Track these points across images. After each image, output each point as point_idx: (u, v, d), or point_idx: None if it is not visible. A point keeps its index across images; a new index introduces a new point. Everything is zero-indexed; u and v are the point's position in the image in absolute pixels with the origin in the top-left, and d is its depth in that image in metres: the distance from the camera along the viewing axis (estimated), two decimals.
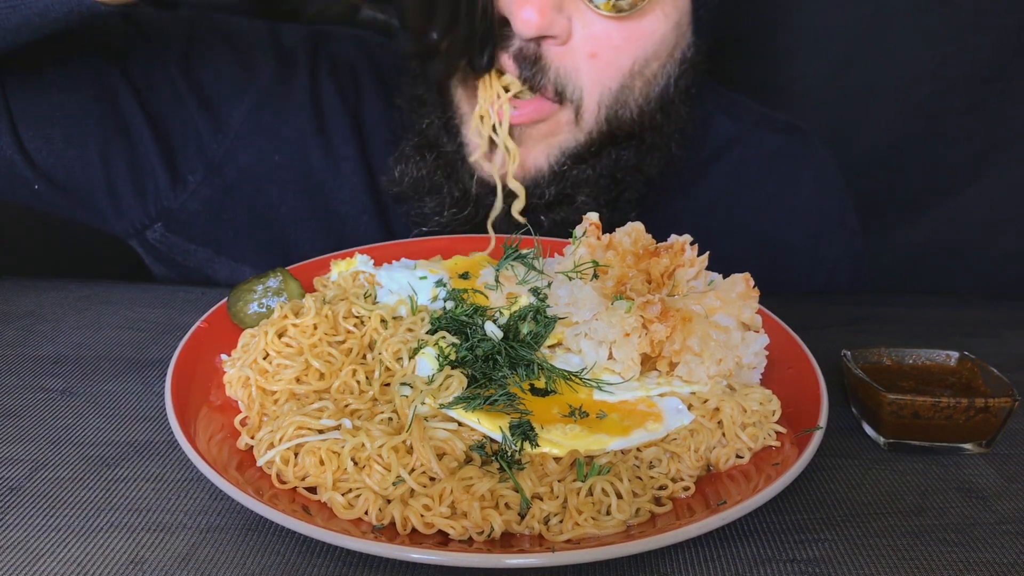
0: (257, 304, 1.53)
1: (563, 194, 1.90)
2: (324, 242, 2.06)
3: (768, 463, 1.23)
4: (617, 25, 1.71)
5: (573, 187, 1.89)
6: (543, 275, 1.57)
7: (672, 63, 1.85)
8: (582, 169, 1.87)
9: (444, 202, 1.93)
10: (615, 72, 1.77)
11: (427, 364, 1.37)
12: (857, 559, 1.13)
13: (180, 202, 2.08)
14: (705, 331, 1.34)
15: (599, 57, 1.74)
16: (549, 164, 1.88)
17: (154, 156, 2.03)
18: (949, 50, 2.08)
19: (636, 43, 1.76)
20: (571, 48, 1.73)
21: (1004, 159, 2.17)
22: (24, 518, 1.17)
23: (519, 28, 1.67)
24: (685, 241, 1.55)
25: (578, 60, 1.75)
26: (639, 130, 1.86)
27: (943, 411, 1.34)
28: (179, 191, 2.07)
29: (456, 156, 1.90)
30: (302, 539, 1.14)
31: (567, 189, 1.89)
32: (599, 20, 1.70)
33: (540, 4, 1.63)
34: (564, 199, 1.91)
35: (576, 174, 1.88)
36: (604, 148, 1.87)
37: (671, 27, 1.78)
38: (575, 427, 1.24)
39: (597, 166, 1.88)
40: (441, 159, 1.91)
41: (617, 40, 1.73)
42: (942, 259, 2.25)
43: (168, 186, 2.06)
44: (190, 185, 2.07)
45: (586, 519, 1.10)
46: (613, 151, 1.88)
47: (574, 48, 1.74)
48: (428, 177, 1.91)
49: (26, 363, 1.61)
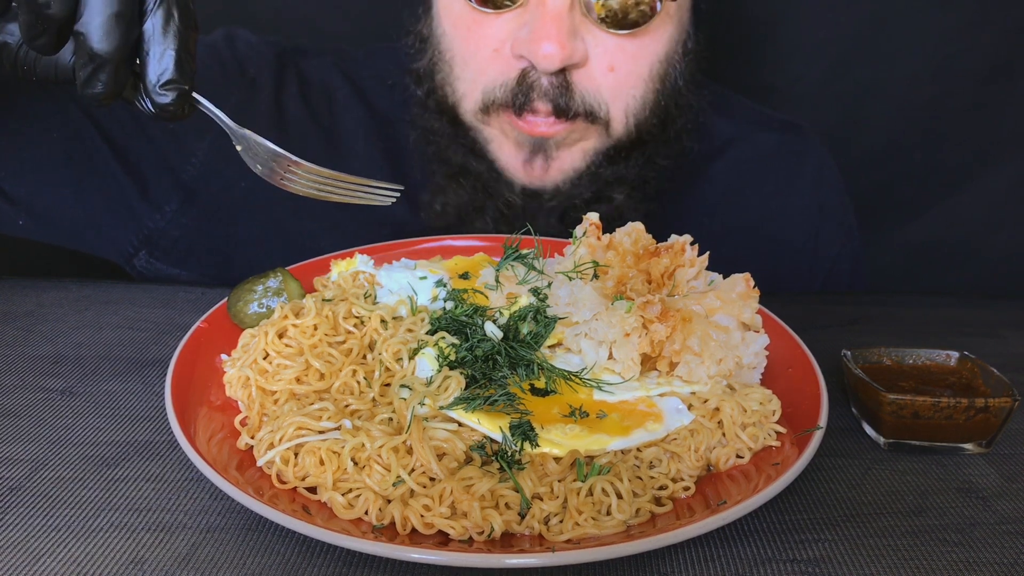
0: (257, 304, 1.53)
1: (600, 193, 1.96)
2: None
3: (768, 463, 1.22)
4: (630, 39, 1.74)
5: (608, 186, 1.95)
6: (543, 275, 1.57)
7: (677, 56, 1.90)
8: (615, 168, 1.93)
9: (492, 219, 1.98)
10: (636, 80, 1.82)
11: (427, 364, 1.37)
12: (857, 559, 1.13)
13: (160, 229, 2.11)
14: (705, 331, 1.34)
15: (617, 70, 1.78)
16: (586, 164, 1.92)
17: (128, 188, 2.06)
18: (949, 50, 2.08)
19: (649, 48, 1.81)
20: (588, 68, 1.78)
21: (1004, 159, 2.17)
22: (24, 518, 1.17)
23: (542, 64, 1.69)
24: (685, 241, 1.55)
25: (597, 78, 1.79)
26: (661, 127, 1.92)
27: (943, 411, 1.34)
28: (157, 219, 2.10)
29: (491, 174, 1.94)
30: (302, 539, 1.14)
31: (603, 188, 1.95)
32: (612, 37, 1.74)
33: (559, 36, 1.66)
34: (601, 198, 1.96)
35: (611, 173, 1.94)
36: (634, 149, 1.93)
37: (676, 25, 1.82)
38: (575, 427, 1.24)
39: (629, 165, 1.94)
40: (476, 180, 1.95)
41: (631, 50, 1.77)
42: (942, 259, 2.25)
43: (147, 214, 2.09)
44: (167, 213, 2.09)
45: (586, 519, 1.10)
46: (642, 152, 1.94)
47: (591, 68, 1.78)
48: (471, 202, 1.96)
49: (26, 363, 1.61)
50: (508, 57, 1.77)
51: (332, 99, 2.09)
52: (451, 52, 1.86)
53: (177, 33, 1.08)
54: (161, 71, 1.08)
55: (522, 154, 1.88)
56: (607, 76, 1.78)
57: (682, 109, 1.94)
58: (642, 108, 1.85)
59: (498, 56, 1.79)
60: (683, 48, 1.89)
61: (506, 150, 1.90)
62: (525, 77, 1.75)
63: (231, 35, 2.07)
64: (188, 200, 2.10)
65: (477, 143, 1.92)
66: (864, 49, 2.12)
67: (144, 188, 2.07)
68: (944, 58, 2.09)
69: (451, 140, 1.93)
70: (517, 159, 1.89)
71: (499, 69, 1.80)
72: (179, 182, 2.09)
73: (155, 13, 1.07)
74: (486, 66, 1.81)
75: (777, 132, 2.20)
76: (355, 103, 2.08)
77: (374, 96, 2.06)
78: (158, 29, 1.07)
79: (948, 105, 2.13)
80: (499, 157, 1.91)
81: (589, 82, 1.78)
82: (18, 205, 2.01)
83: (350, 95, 2.08)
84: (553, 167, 1.90)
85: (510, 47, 1.77)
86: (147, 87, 1.09)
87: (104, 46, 1.04)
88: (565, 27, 1.70)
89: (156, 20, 1.07)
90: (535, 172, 1.88)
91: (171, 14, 1.07)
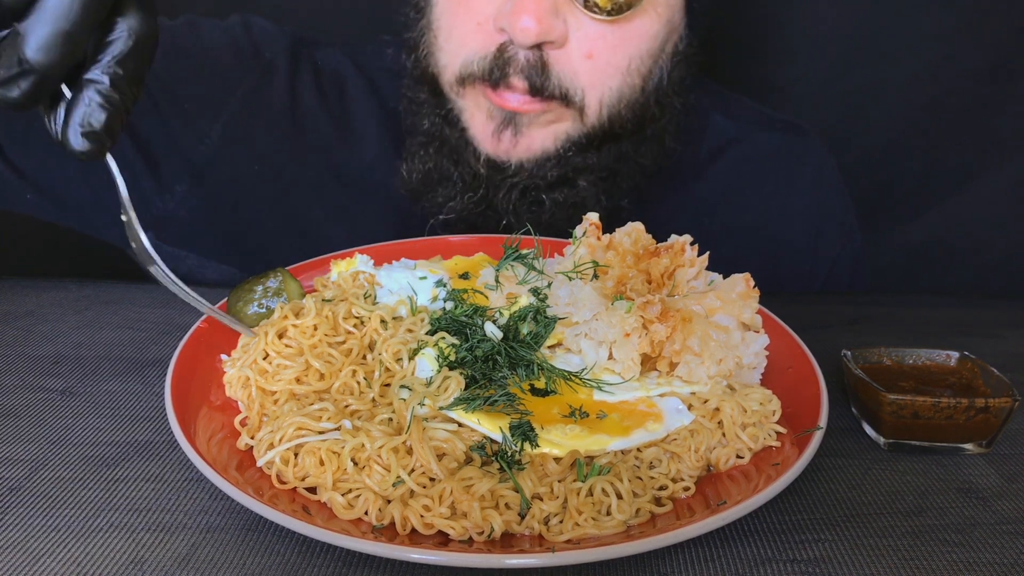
0: (257, 305, 1.53)
1: (565, 177, 1.96)
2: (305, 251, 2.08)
3: (768, 463, 1.23)
4: (612, 27, 1.74)
5: (575, 171, 1.96)
6: (543, 275, 1.57)
7: (665, 57, 1.90)
8: (585, 156, 1.94)
9: (456, 187, 1.99)
10: (614, 71, 1.82)
11: (427, 365, 1.37)
12: (857, 559, 1.13)
13: (168, 211, 2.10)
14: (705, 331, 1.34)
15: (596, 57, 1.78)
16: (556, 147, 1.93)
17: (138, 167, 2.06)
18: (949, 50, 2.08)
19: (631, 42, 1.80)
20: (567, 51, 1.78)
21: (1004, 159, 2.17)
22: (24, 518, 1.17)
23: (518, 37, 1.70)
24: (685, 241, 1.55)
25: (575, 62, 1.80)
26: (637, 124, 1.92)
27: (943, 411, 1.34)
28: (167, 200, 2.09)
29: (461, 142, 1.96)
30: (302, 539, 1.14)
31: (569, 172, 1.96)
32: (593, 22, 1.75)
33: (537, 11, 1.67)
34: (566, 181, 1.97)
35: (579, 161, 1.94)
36: (606, 141, 1.93)
37: (663, 24, 1.83)
38: (575, 427, 1.24)
39: (598, 156, 1.95)
40: (445, 147, 1.97)
41: (612, 40, 1.78)
42: (942, 259, 2.25)
43: (155, 195, 2.09)
44: (177, 194, 2.09)
45: (586, 519, 1.10)
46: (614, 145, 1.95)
47: (570, 51, 1.78)
48: (436, 168, 1.98)
49: (26, 363, 1.61)
50: (490, 31, 1.79)
51: (344, 88, 2.10)
52: (439, 23, 1.88)
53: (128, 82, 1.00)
54: (91, 117, 0.99)
55: (492, 124, 1.90)
56: (585, 62, 1.79)
57: (664, 109, 1.95)
58: (617, 100, 1.86)
59: (480, 29, 1.80)
60: (672, 48, 1.90)
61: (478, 119, 1.92)
62: (503, 52, 1.77)
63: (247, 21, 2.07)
64: (198, 182, 2.11)
65: (452, 112, 1.94)
66: (864, 49, 2.12)
67: (154, 169, 2.07)
68: (944, 58, 2.09)
69: (430, 109, 1.95)
70: (487, 128, 1.91)
71: (480, 42, 1.81)
72: (189, 164, 2.09)
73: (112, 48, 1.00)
74: (467, 38, 1.83)
75: (778, 132, 2.19)
76: (366, 93, 2.10)
77: (384, 87, 2.08)
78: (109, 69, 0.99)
79: (948, 105, 2.12)
80: (471, 126, 1.93)
81: (566, 65, 1.80)
82: (25, 178, 2.00)
83: (361, 85, 2.10)
84: (521, 143, 1.92)
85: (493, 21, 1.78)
86: (68, 118, 1.00)
87: (39, 57, 0.93)
88: (546, 4, 1.72)
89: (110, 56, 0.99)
90: (503, 144, 1.90)
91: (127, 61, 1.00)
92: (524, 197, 1.99)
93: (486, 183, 1.98)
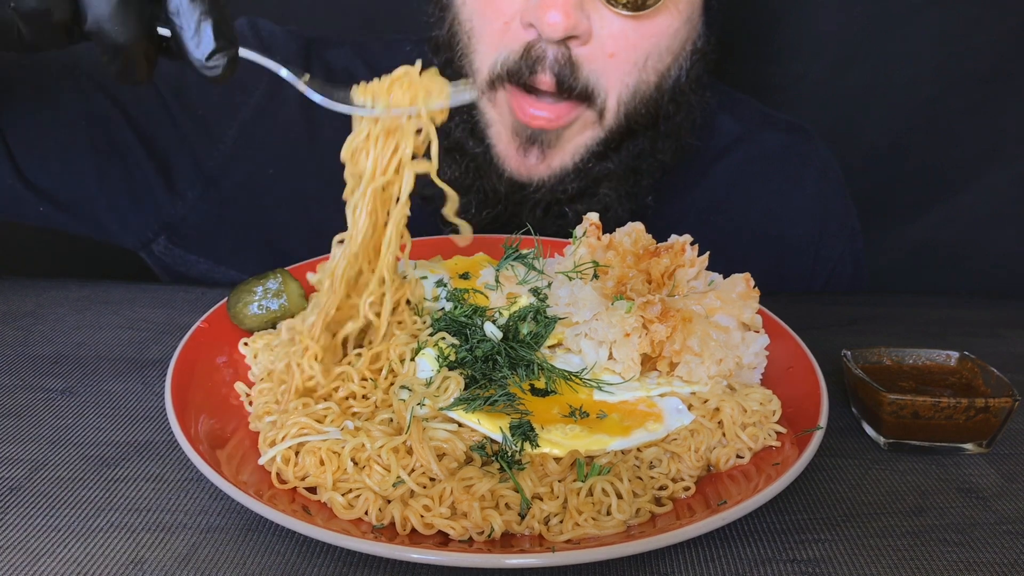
0: (257, 306, 1.53)
1: (586, 188, 1.94)
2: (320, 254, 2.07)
3: (768, 463, 1.22)
4: (634, 24, 1.73)
5: (595, 181, 1.94)
6: (543, 275, 1.57)
7: (684, 55, 1.88)
8: (604, 164, 1.92)
9: (474, 201, 1.96)
10: (631, 68, 1.81)
11: (427, 365, 1.36)
12: (857, 559, 1.13)
13: (181, 216, 2.10)
14: (705, 331, 1.34)
15: (616, 56, 1.77)
16: (574, 162, 1.91)
17: (151, 174, 2.05)
18: (950, 50, 2.09)
19: (650, 39, 1.79)
20: (592, 49, 1.76)
21: (1004, 159, 2.18)
22: (24, 518, 1.17)
23: (546, 32, 1.69)
24: (685, 241, 1.55)
25: (599, 60, 1.78)
26: (653, 121, 1.90)
27: (943, 411, 1.34)
28: (179, 205, 2.09)
29: (484, 158, 1.93)
30: (302, 539, 1.14)
31: (590, 183, 1.94)
32: (617, 19, 1.73)
33: (564, 6, 1.65)
34: (587, 192, 1.95)
35: (599, 170, 1.92)
36: (623, 142, 1.91)
37: (683, 21, 1.81)
38: (575, 427, 1.24)
39: (617, 160, 1.92)
40: (471, 161, 1.94)
41: (633, 38, 1.76)
42: (942, 259, 2.25)
43: (168, 201, 2.09)
44: (189, 199, 2.09)
45: (586, 519, 1.10)
46: (631, 143, 1.92)
47: (594, 48, 1.76)
48: (460, 179, 1.95)
49: (26, 363, 1.61)
50: (518, 29, 1.77)
51: None
52: (470, 23, 1.85)
53: None
54: (202, 46, 1.05)
55: (516, 142, 1.88)
56: (607, 61, 1.78)
57: (680, 106, 1.93)
58: (632, 97, 1.84)
59: (508, 29, 1.78)
60: (692, 46, 1.89)
61: (503, 137, 1.90)
62: (531, 49, 1.75)
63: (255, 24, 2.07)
64: (211, 186, 2.10)
65: (479, 124, 1.92)
66: (864, 49, 2.12)
67: (168, 174, 2.07)
68: (945, 58, 2.09)
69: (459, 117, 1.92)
70: (511, 147, 1.89)
71: (508, 41, 1.79)
72: (203, 169, 2.08)
73: None
74: (497, 39, 1.80)
75: (783, 133, 2.20)
76: None
77: None
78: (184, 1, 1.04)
79: (948, 105, 2.13)
80: (496, 143, 1.91)
81: (592, 63, 1.77)
82: (41, 195, 2.00)
83: None
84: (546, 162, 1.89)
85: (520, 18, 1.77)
86: (192, 63, 1.06)
87: (122, 38, 1.01)
88: None
89: None
90: (528, 162, 1.88)
91: None
92: (548, 213, 1.97)
93: (505, 200, 1.96)
